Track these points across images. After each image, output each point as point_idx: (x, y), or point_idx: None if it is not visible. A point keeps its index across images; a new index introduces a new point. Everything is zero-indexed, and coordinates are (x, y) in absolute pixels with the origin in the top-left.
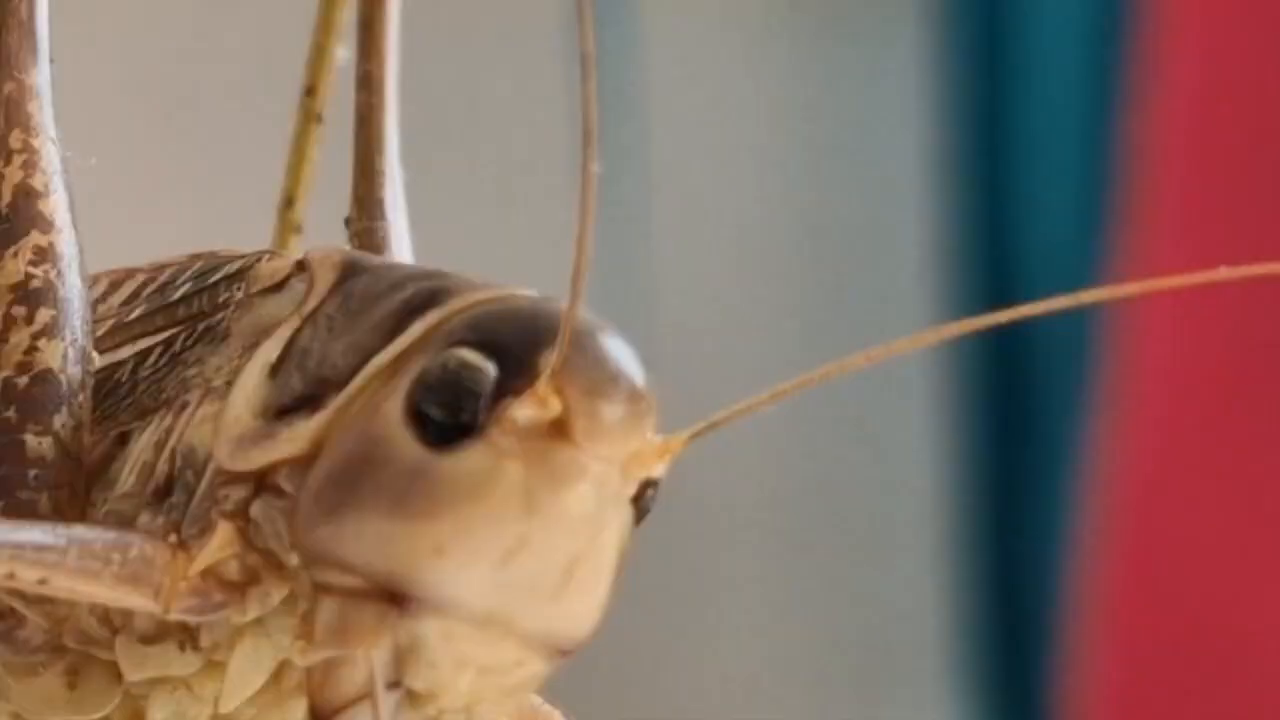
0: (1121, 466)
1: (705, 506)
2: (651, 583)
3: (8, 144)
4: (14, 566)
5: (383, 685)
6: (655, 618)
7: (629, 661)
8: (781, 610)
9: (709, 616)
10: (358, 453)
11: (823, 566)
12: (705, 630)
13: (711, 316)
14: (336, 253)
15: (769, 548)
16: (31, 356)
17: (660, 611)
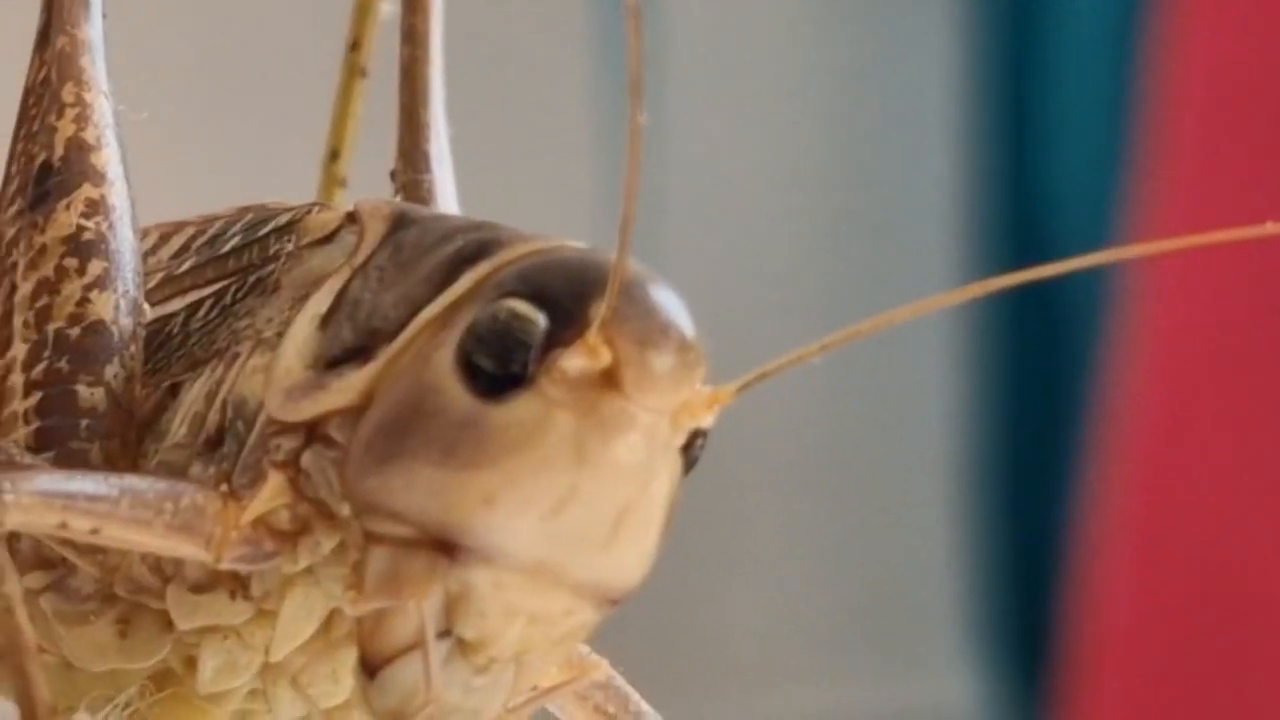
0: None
1: (729, 464)
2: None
3: (60, 98)
4: (66, 516)
5: (433, 634)
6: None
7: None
8: (802, 564)
9: (732, 569)
10: (408, 403)
11: (843, 522)
12: (729, 581)
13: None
14: (386, 205)
15: (791, 504)
16: (83, 308)
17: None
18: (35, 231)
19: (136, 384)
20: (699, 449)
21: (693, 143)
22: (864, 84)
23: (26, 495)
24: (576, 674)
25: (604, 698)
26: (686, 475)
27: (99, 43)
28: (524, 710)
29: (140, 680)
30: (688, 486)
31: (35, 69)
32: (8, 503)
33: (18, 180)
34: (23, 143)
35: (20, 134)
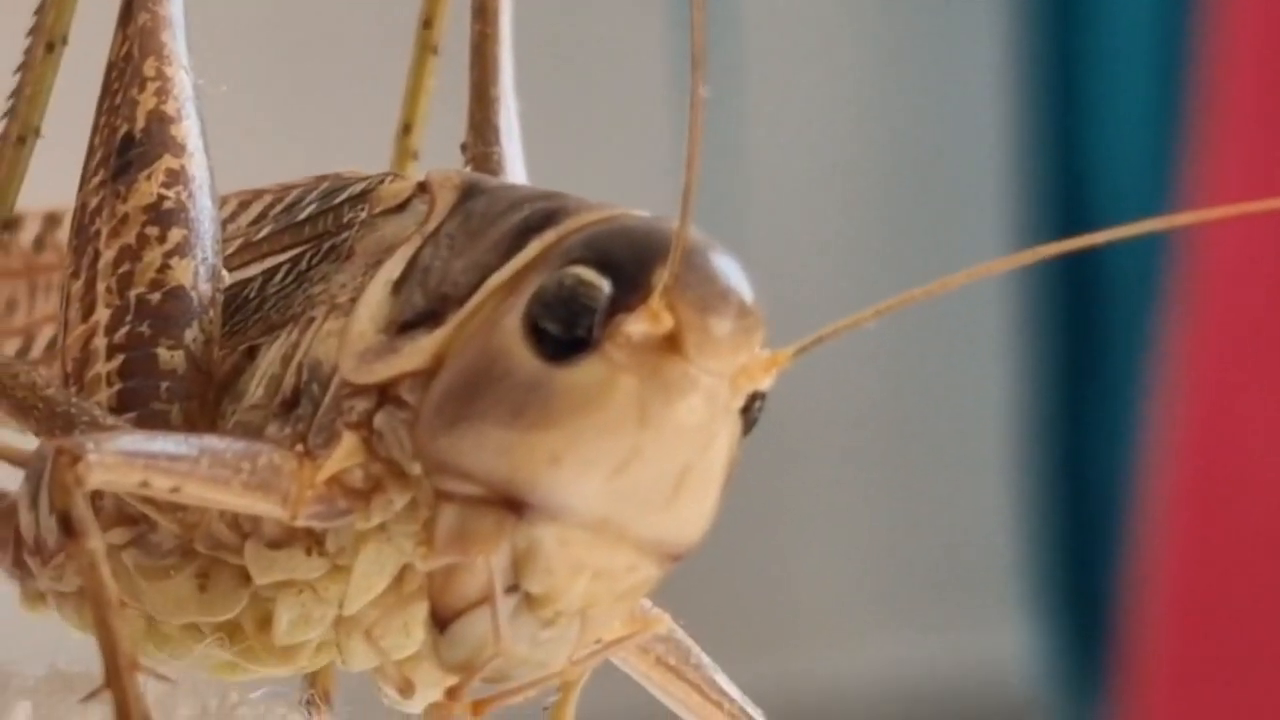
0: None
1: (797, 427)
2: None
3: (142, 72)
4: (147, 475)
5: (501, 589)
6: (748, 529)
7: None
8: (866, 523)
9: (798, 527)
10: (477, 366)
11: (905, 483)
12: (794, 539)
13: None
14: (457, 175)
15: (856, 465)
16: (164, 274)
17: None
18: (118, 201)
19: (215, 347)
20: (758, 411)
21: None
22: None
23: (110, 455)
24: (640, 628)
25: (665, 650)
26: (745, 436)
27: (180, 18)
28: (589, 662)
29: (215, 633)
30: (757, 449)
31: (118, 44)
32: (91, 462)
33: (101, 152)
34: (106, 115)
35: (103, 107)
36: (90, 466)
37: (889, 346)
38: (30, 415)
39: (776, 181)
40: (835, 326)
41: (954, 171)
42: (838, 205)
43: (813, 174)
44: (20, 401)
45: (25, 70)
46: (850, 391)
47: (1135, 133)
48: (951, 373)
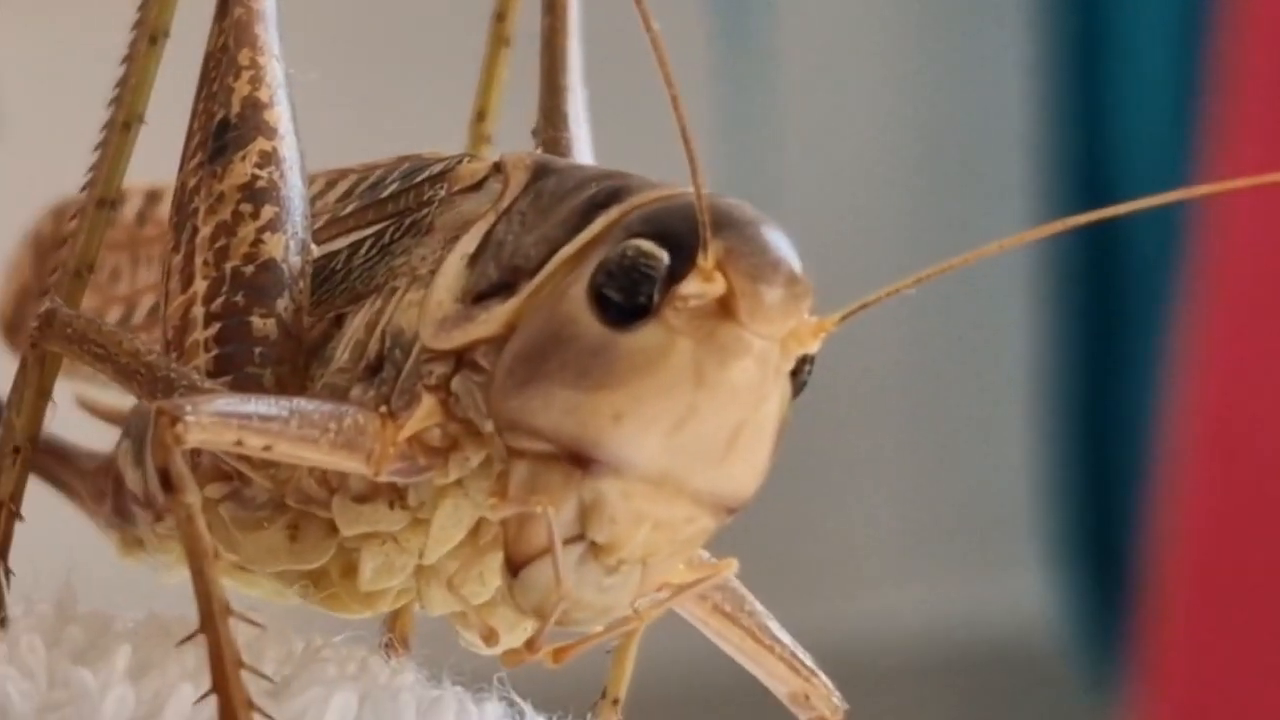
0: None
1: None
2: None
3: (237, 61)
4: (241, 434)
5: (565, 539)
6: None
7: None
8: (897, 479)
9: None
10: (546, 332)
11: (935, 440)
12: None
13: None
14: (529, 156)
15: (887, 424)
16: (257, 248)
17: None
18: (214, 181)
19: (304, 315)
20: (807, 374)
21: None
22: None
23: (206, 416)
24: (709, 572)
25: (722, 598)
26: (796, 398)
27: (272, 12)
28: (654, 608)
29: (303, 580)
30: (800, 411)
31: (215, 36)
32: (190, 423)
33: (199, 136)
34: (203, 102)
35: (201, 94)
36: (189, 427)
37: (921, 314)
38: (133, 379)
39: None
40: (877, 295)
41: (982, 151)
42: (875, 183)
43: (850, 155)
44: (124, 366)
45: (130, 62)
46: (885, 356)
47: (1155, 113)
48: (979, 336)
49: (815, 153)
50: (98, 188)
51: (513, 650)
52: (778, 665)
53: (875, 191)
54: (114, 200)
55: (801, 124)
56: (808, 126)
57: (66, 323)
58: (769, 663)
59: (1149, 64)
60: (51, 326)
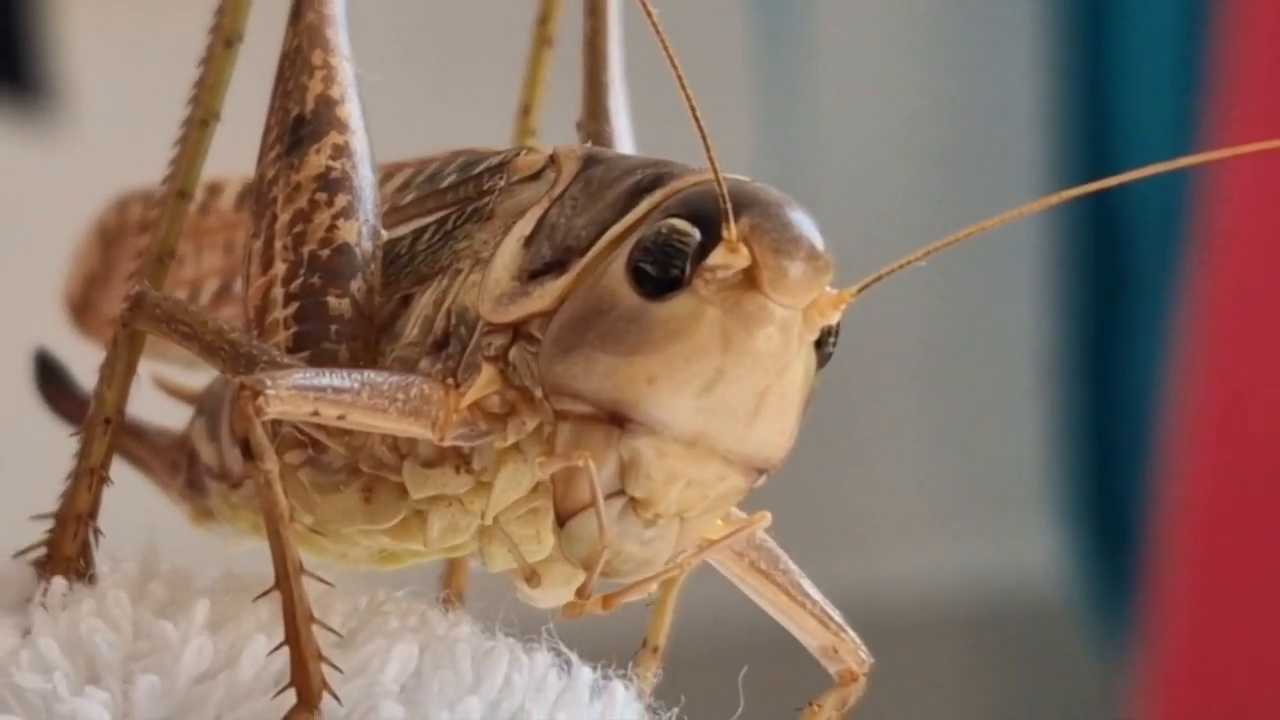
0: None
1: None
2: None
3: (310, 62)
4: (317, 406)
5: (603, 493)
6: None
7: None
8: (906, 436)
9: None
10: (589, 304)
11: (950, 408)
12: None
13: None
14: (580, 148)
15: (906, 393)
16: (332, 234)
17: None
18: (291, 172)
19: (375, 295)
20: (831, 345)
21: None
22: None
23: (285, 389)
24: (742, 525)
25: (758, 556)
26: (821, 368)
27: (342, 17)
28: (691, 560)
29: (382, 537)
30: (827, 384)
31: (289, 39)
32: (270, 395)
33: (276, 130)
34: (280, 100)
35: (277, 93)
36: (269, 400)
37: (939, 294)
38: (217, 355)
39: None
40: (891, 266)
41: (996, 137)
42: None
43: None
44: (209, 344)
45: (206, 64)
46: (906, 334)
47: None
48: (992, 314)
49: (846, 139)
50: (177, 180)
51: (571, 603)
52: (809, 620)
53: (900, 173)
54: (192, 192)
55: (834, 114)
56: (839, 117)
57: (155, 304)
58: (800, 618)
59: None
60: (141, 308)
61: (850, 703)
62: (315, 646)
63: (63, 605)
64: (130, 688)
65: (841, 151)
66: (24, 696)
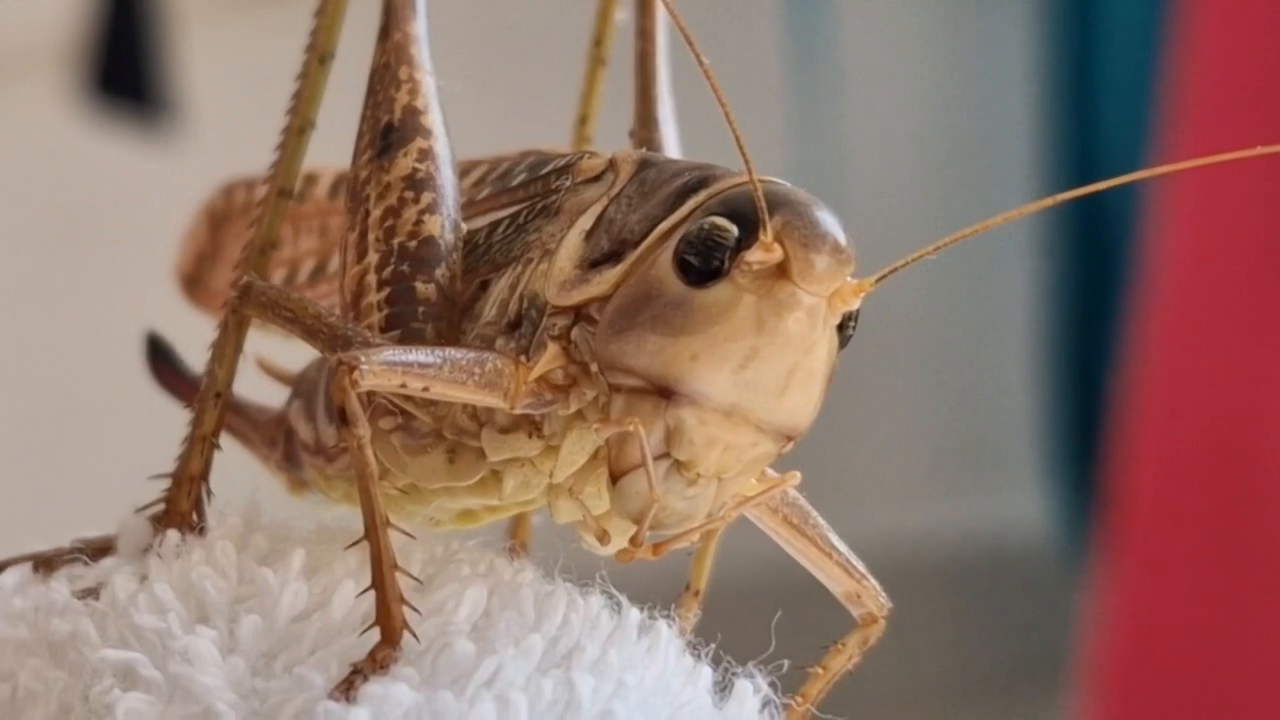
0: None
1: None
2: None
3: (397, 76)
4: (405, 379)
5: (651, 454)
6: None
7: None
8: (907, 405)
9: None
10: (640, 291)
11: (946, 379)
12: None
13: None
14: (636, 153)
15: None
16: (419, 227)
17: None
18: (382, 173)
19: (458, 281)
20: (852, 328)
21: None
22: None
23: (376, 365)
24: (774, 484)
25: (790, 512)
26: (843, 348)
27: (424, 36)
28: (729, 514)
29: (463, 493)
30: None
31: (378, 56)
32: (364, 370)
33: (367, 136)
34: (370, 109)
35: (368, 104)
36: (363, 374)
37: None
38: (317, 337)
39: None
40: (907, 259)
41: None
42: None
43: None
44: (309, 327)
45: (303, 78)
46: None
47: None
48: (987, 295)
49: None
50: (278, 180)
51: (623, 550)
52: (835, 569)
53: (912, 176)
54: (292, 190)
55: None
56: (861, 128)
57: (261, 292)
58: (827, 566)
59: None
60: (249, 295)
61: (871, 642)
62: (398, 590)
63: (176, 554)
64: (235, 626)
65: (863, 158)
66: (142, 634)
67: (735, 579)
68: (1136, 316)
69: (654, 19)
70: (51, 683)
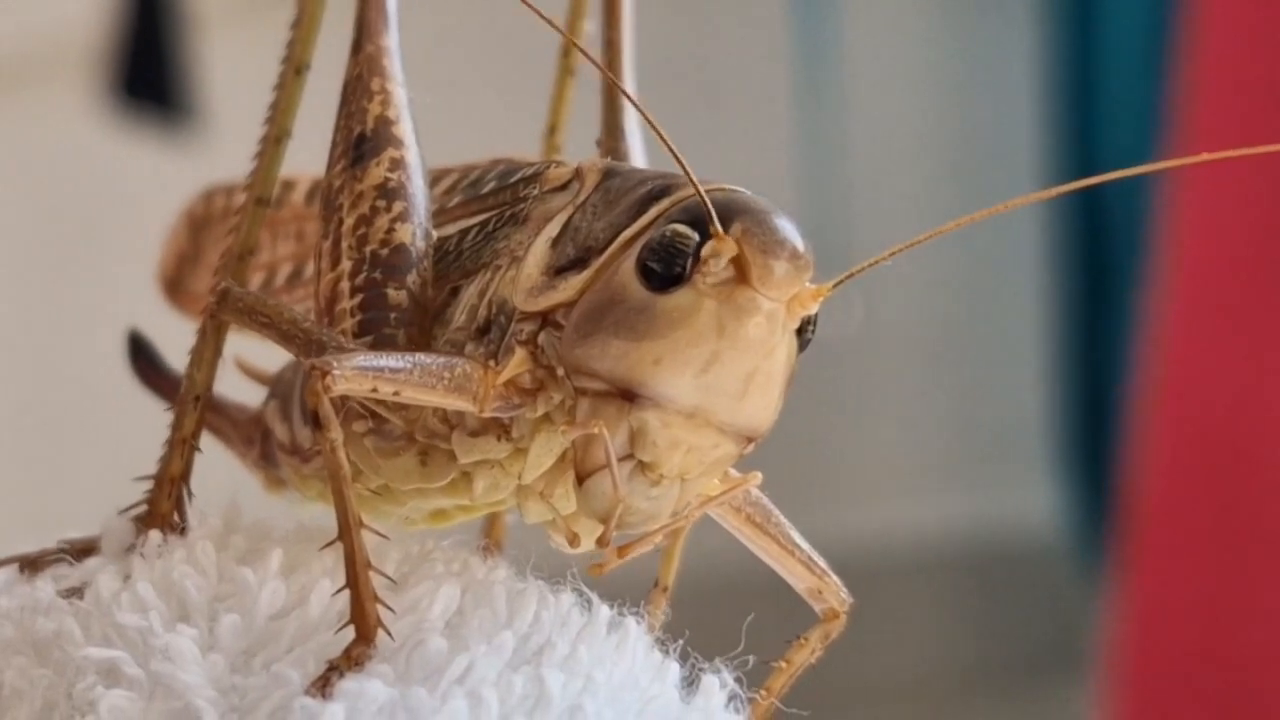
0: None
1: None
2: (834, 385)
3: (369, 87)
4: (376, 384)
5: (616, 456)
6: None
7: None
8: (918, 401)
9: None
10: (604, 296)
11: (956, 376)
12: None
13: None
14: (601, 162)
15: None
16: (390, 235)
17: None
18: (355, 182)
19: (428, 287)
20: (810, 333)
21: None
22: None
23: (349, 370)
24: (735, 484)
25: (753, 511)
26: (802, 352)
27: (395, 49)
28: (692, 515)
29: (435, 494)
30: (853, 355)
31: (351, 68)
32: (336, 375)
33: (340, 146)
34: (344, 120)
35: (342, 114)
36: (335, 379)
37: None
38: (292, 342)
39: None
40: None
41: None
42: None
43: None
44: (285, 332)
45: (280, 89)
46: (920, 309)
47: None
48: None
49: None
50: (255, 188)
51: (594, 564)
52: (797, 566)
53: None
54: (269, 198)
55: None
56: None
57: (238, 298)
58: (789, 564)
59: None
60: (226, 301)
61: (833, 636)
62: (372, 589)
63: (158, 554)
64: (215, 624)
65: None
66: (124, 633)
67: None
68: (1143, 315)
69: (619, 30)
70: (36, 680)
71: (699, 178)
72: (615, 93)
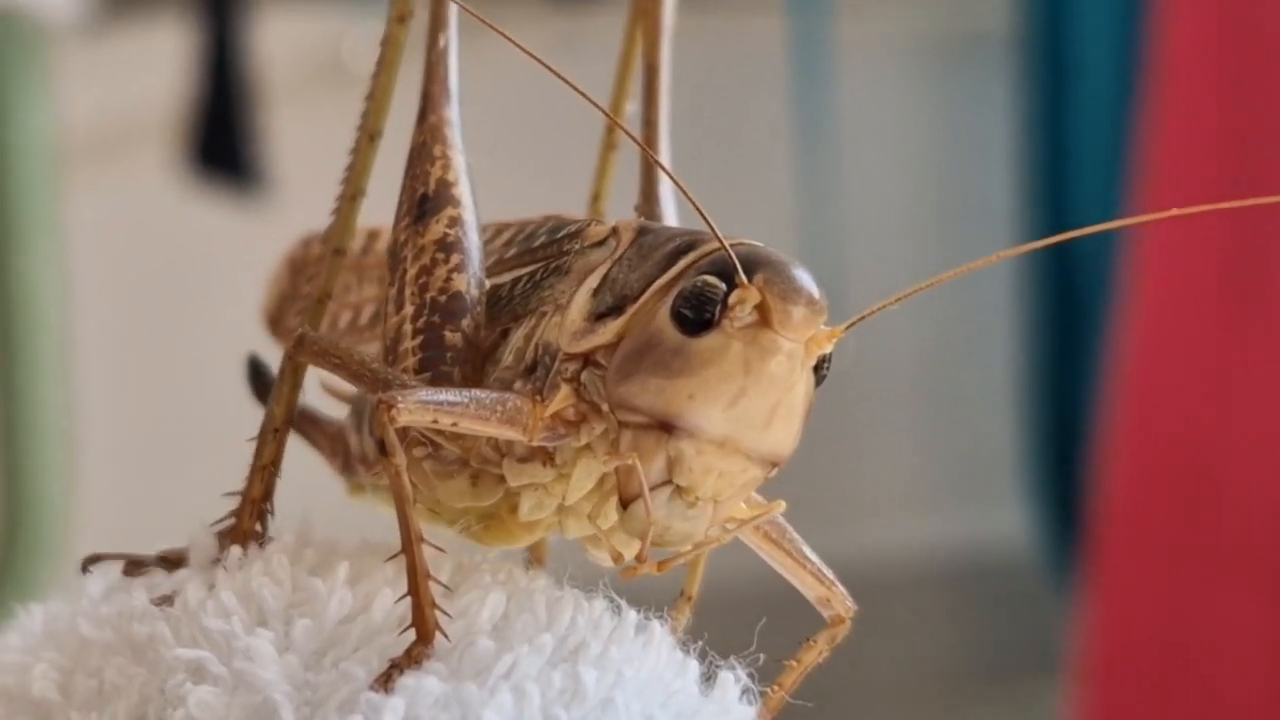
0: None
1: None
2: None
3: (432, 153)
4: (436, 416)
5: (655, 481)
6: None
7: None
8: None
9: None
10: (642, 340)
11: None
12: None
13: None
14: (636, 221)
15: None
16: (448, 284)
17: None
18: (418, 237)
19: (482, 330)
20: (826, 369)
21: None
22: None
23: (412, 403)
24: (762, 511)
25: (769, 529)
26: (819, 387)
27: (456, 119)
28: (723, 535)
29: (481, 513)
30: (840, 390)
31: (416, 136)
32: (400, 408)
33: (406, 205)
34: (409, 181)
35: (407, 176)
36: (400, 412)
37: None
38: (361, 379)
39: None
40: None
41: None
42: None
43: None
44: (354, 371)
45: (355, 153)
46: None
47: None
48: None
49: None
50: (332, 241)
51: (628, 567)
52: (808, 577)
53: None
54: (346, 250)
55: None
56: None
57: (314, 341)
58: (801, 575)
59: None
60: (303, 344)
61: (838, 639)
62: (430, 596)
63: (239, 566)
64: (290, 628)
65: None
66: (210, 636)
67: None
68: (1110, 346)
69: (657, 110)
70: (133, 678)
71: (722, 234)
72: (651, 166)
